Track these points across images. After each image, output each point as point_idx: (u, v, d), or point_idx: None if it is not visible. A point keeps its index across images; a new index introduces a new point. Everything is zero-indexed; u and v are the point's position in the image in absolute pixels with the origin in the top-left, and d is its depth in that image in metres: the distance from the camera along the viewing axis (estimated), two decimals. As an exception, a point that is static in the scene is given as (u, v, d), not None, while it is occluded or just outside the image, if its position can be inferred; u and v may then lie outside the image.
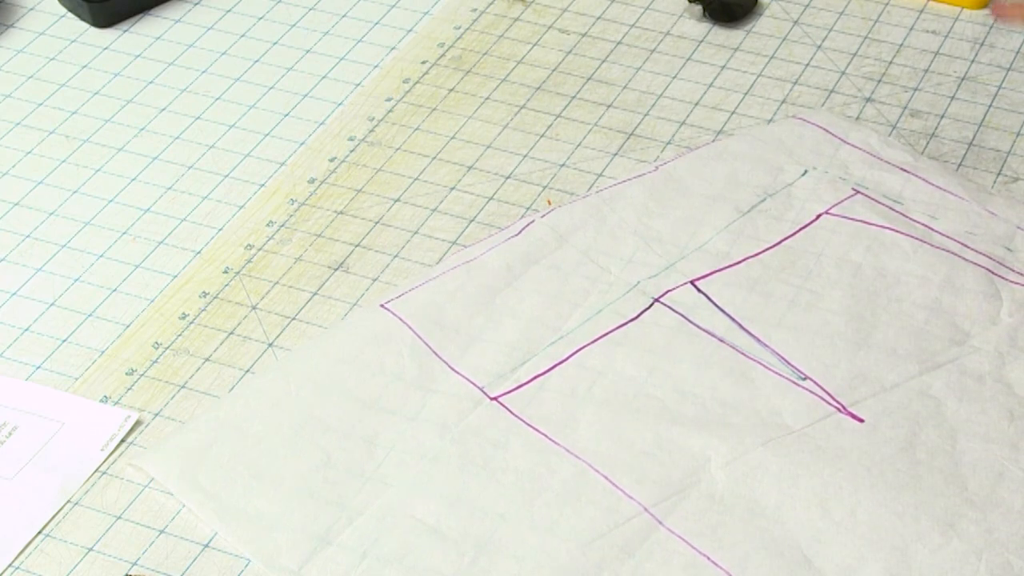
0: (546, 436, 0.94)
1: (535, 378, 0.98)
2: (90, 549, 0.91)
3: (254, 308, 1.04)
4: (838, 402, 0.96)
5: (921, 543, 0.89)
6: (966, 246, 1.05)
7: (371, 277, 1.06)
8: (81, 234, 1.10)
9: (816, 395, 0.96)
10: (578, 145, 1.16)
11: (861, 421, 0.95)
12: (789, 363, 0.98)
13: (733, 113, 1.18)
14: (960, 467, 0.93)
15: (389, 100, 1.21)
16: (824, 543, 0.89)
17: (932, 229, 1.06)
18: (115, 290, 1.06)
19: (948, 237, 1.06)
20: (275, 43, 1.27)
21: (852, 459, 0.93)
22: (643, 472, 0.92)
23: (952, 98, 1.19)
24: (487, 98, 1.20)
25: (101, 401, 0.98)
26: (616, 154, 1.15)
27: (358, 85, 1.22)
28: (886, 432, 0.94)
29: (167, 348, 1.02)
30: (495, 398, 0.97)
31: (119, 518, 0.92)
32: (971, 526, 0.90)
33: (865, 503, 0.91)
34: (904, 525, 0.90)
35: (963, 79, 1.21)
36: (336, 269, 1.07)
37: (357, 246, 1.08)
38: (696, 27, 1.27)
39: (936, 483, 0.92)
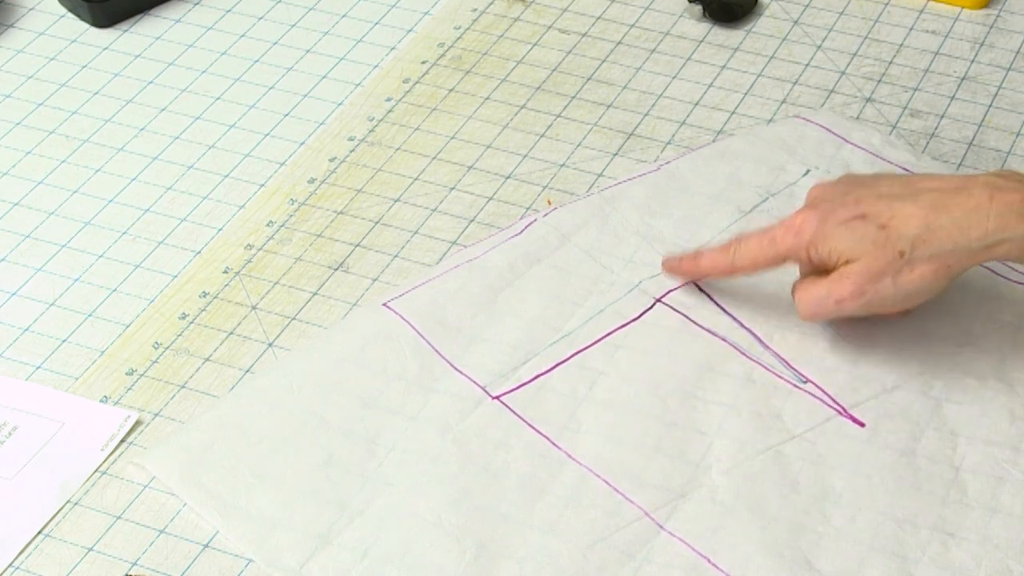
0: (547, 439, 0.94)
1: (536, 377, 0.97)
2: (90, 549, 0.91)
3: (254, 308, 1.04)
4: (839, 404, 0.96)
5: (921, 550, 0.89)
6: (967, 246, 1.05)
7: (371, 277, 1.06)
8: (81, 234, 1.10)
9: (817, 398, 0.96)
10: (578, 145, 1.16)
11: (862, 425, 0.95)
12: (790, 366, 0.98)
13: (733, 113, 1.18)
14: (960, 471, 0.93)
15: (389, 100, 1.20)
16: (824, 548, 0.89)
17: (933, 229, 1.06)
18: (115, 290, 1.06)
19: (949, 237, 1.06)
20: (275, 43, 1.27)
21: (853, 464, 0.93)
22: (644, 477, 0.92)
23: (952, 98, 1.19)
24: (487, 98, 1.20)
25: (101, 401, 0.98)
26: (616, 154, 1.15)
27: (358, 85, 1.22)
28: (887, 436, 0.94)
29: (167, 348, 1.01)
30: (497, 397, 0.96)
31: (119, 518, 0.92)
32: (971, 532, 0.90)
33: (866, 509, 0.91)
34: (904, 531, 0.90)
35: (963, 79, 1.21)
36: (336, 269, 1.07)
37: (357, 246, 1.08)
38: (696, 27, 1.27)
39: (936, 488, 0.92)
